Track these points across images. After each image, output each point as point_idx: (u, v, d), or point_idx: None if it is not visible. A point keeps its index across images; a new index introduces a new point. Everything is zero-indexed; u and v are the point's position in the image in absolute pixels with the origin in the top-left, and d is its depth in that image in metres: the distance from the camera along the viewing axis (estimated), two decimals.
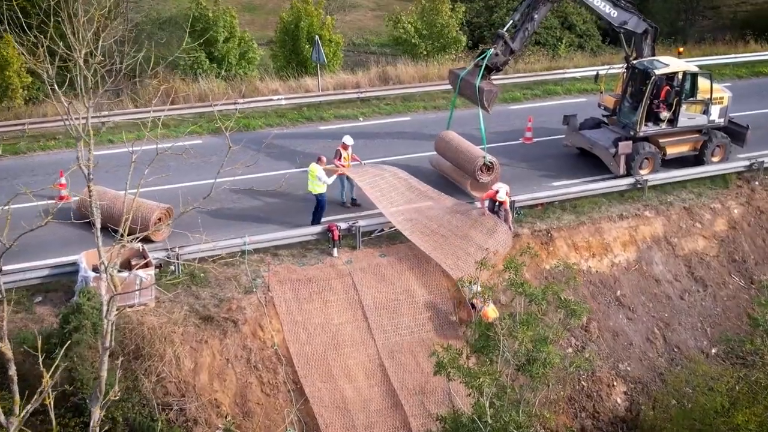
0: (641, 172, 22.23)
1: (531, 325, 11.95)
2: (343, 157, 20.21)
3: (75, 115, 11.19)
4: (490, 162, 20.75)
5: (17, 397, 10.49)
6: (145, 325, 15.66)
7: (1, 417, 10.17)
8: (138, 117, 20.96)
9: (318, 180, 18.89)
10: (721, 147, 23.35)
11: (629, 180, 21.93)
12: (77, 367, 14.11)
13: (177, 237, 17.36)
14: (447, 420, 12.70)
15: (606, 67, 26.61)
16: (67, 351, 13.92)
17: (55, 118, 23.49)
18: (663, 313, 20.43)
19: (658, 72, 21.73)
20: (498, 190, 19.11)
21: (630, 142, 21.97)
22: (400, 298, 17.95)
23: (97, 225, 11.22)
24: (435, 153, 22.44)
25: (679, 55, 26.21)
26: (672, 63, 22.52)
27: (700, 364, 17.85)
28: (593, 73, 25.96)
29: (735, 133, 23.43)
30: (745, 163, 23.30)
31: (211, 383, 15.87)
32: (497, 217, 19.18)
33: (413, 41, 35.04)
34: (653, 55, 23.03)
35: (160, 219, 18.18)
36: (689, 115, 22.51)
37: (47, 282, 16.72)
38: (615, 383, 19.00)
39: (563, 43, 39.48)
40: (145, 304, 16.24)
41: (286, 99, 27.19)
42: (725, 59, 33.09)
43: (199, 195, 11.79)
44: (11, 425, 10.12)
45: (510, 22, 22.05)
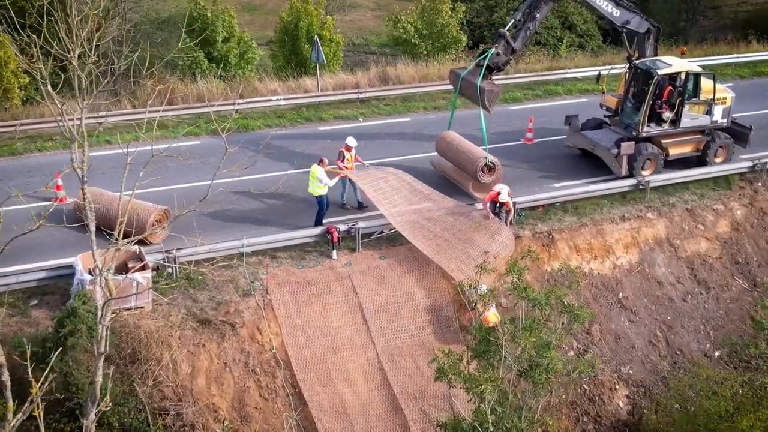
0: (643, 173, 22.05)
1: (534, 331, 11.74)
2: (346, 159, 19.99)
3: (69, 116, 11.01)
4: (491, 162, 20.56)
5: (10, 403, 10.29)
6: (142, 329, 15.45)
7: None
8: (135, 118, 20.75)
9: (319, 182, 18.69)
10: (724, 148, 23.17)
11: (631, 181, 21.75)
12: (72, 372, 13.91)
13: (175, 239, 17.21)
14: (447, 426, 12.52)
15: (608, 67, 26.43)
16: (62, 355, 13.81)
17: (48, 119, 23.30)
18: (665, 316, 20.25)
19: (660, 72, 21.54)
20: (500, 191, 18.93)
21: (632, 143, 21.79)
22: (399, 300, 17.76)
23: (92, 228, 11.05)
24: (436, 154, 22.26)
25: (683, 54, 26.04)
26: (675, 63, 22.34)
27: (704, 368, 17.67)
28: (594, 73, 25.80)
29: (738, 133, 23.26)
30: (748, 164, 23.12)
31: (209, 387, 15.68)
32: (499, 218, 18.99)
33: (413, 41, 34.87)
34: (656, 54, 22.85)
35: (157, 221, 17.99)
36: (692, 116, 22.33)
37: (43, 285, 16.52)
38: (617, 387, 18.82)
39: (564, 43, 39.32)
40: (142, 307, 16.04)
41: (285, 99, 27.02)
42: (727, 59, 32.93)
43: (198, 196, 11.62)
44: None
45: (511, 21, 21.87)
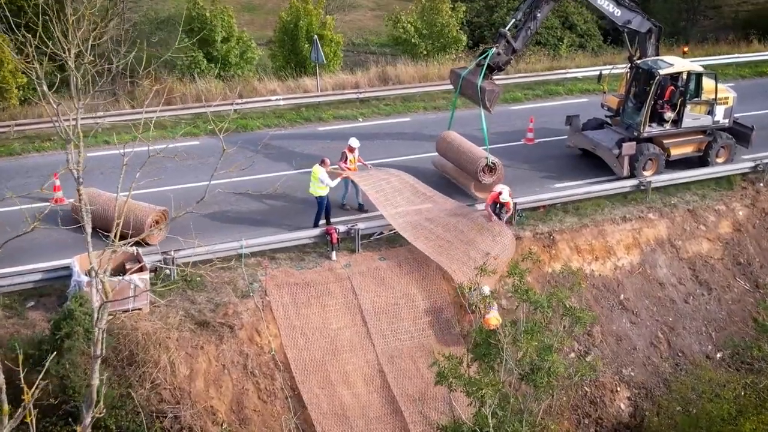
0: (645, 173, 21.92)
1: (535, 334, 11.60)
2: (348, 160, 19.82)
3: (65, 117, 10.88)
4: (492, 163, 20.43)
5: (6, 406, 10.16)
6: (140, 331, 15.34)
7: None
8: (133, 118, 20.65)
9: (320, 182, 18.53)
10: (726, 148, 23.05)
11: (633, 181, 21.62)
12: (69, 375, 13.78)
13: (174, 240, 17.07)
14: (448, 430, 12.38)
15: (609, 66, 26.30)
16: (59, 358, 13.68)
17: (45, 119, 23.16)
18: (667, 317, 20.12)
19: (662, 72, 21.42)
20: (501, 192, 18.80)
21: (633, 143, 21.67)
22: (399, 302, 17.63)
23: (88, 230, 10.91)
24: (437, 154, 22.13)
25: (684, 54, 25.91)
26: (676, 63, 22.21)
27: (707, 371, 17.53)
28: (595, 73, 25.68)
29: (740, 133, 23.15)
30: (750, 164, 22.99)
31: (207, 390, 15.55)
32: (499, 218, 18.86)
33: (413, 41, 34.76)
34: (657, 54, 22.72)
35: (156, 222, 17.86)
36: (694, 116, 22.21)
37: (40, 286, 16.39)
38: (618, 389, 18.69)
39: (564, 43, 39.20)
40: (140, 309, 15.92)
41: (284, 99, 26.91)
42: (728, 59, 32.84)
43: (197, 197, 11.51)
44: None
45: (512, 21, 21.74)
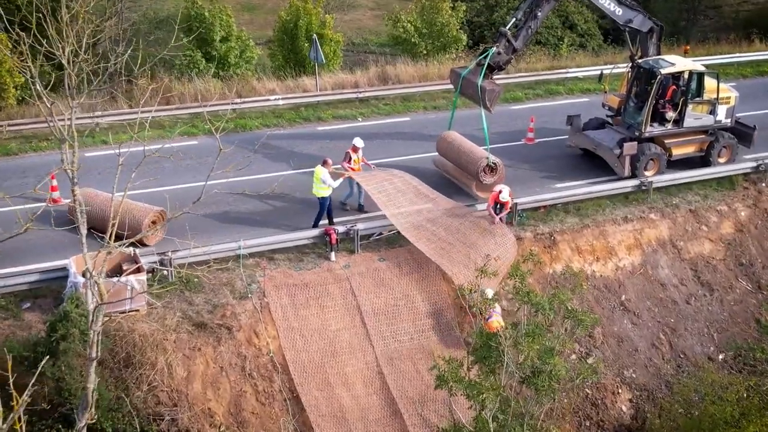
0: (646, 173, 21.78)
1: (537, 337, 11.45)
2: (352, 160, 19.66)
3: (59, 117, 10.75)
4: (493, 163, 20.30)
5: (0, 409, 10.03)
6: (137, 332, 15.20)
7: None
8: (130, 118, 20.48)
9: (323, 183, 18.38)
10: (728, 148, 22.91)
11: (634, 182, 21.49)
12: (65, 377, 13.61)
13: (172, 241, 16.90)
14: None
15: (610, 66, 26.16)
16: (55, 360, 13.55)
17: (40, 119, 22.94)
18: (669, 318, 19.98)
19: (663, 71, 21.29)
20: (501, 191, 18.67)
21: (635, 143, 21.52)
22: (399, 303, 17.49)
23: (83, 231, 10.80)
24: (437, 154, 21.98)
25: (686, 53, 25.78)
26: (678, 62, 22.09)
27: (709, 373, 17.39)
28: (596, 72, 25.55)
29: (742, 133, 23.00)
30: (752, 164, 22.86)
31: (205, 392, 15.41)
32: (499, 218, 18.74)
33: (413, 40, 34.61)
34: (659, 54, 22.59)
35: (153, 222, 17.72)
36: (695, 116, 22.08)
37: (36, 287, 16.23)
38: (620, 390, 18.55)
39: (565, 42, 39.07)
40: (137, 310, 15.77)
41: (283, 99, 26.76)
42: (729, 58, 32.65)
43: (194, 197, 11.40)
44: None
45: (512, 20, 21.59)
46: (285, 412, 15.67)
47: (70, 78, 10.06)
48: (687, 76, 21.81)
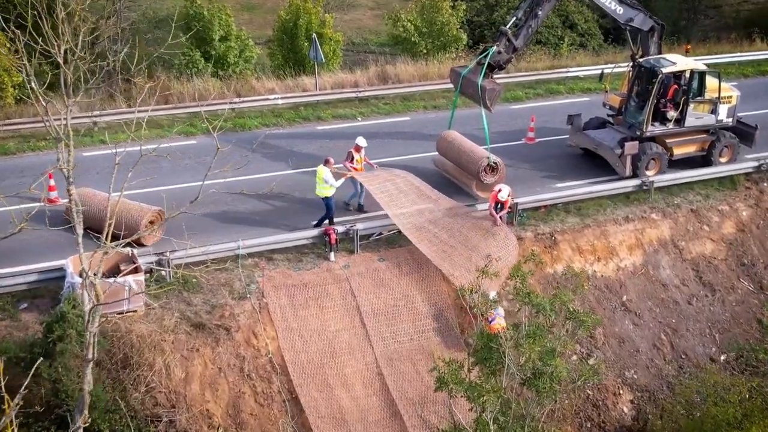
0: (647, 173, 21.65)
1: (538, 338, 11.33)
2: (355, 160, 19.50)
3: (56, 116, 10.64)
4: (494, 162, 20.18)
5: None
6: (134, 333, 15.09)
7: None
8: (128, 117, 20.36)
9: (325, 182, 18.26)
10: (729, 147, 22.78)
11: (635, 181, 21.36)
12: (62, 379, 13.50)
13: (170, 241, 16.78)
14: None
15: (611, 65, 26.04)
16: (51, 362, 13.44)
17: (36, 118, 22.83)
18: (670, 319, 19.86)
19: (665, 70, 21.16)
20: (500, 189, 18.56)
21: (636, 143, 21.40)
22: (399, 303, 17.37)
23: (79, 231, 10.68)
24: (437, 153, 21.87)
25: (687, 52, 25.67)
26: (679, 61, 21.95)
27: (711, 374, 17.27)
28: (597, 72, 25.44)
29: (743, 133, 22.86)
30: (754, 163, 22.72)
31: (203, 393, 15.29)
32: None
33: (413, 39, 34.50)
34: (660, 53, 22.47)
35: (151, 222, 17.59)
36: (697, 115, 21.95)
37: (33, 288, 16.10)
38: (621, 392, 18.43)
39: (565, 42, 38.97)
40: (135, 311, 15.65)
41: (282, 98, 26.65)
42: (730, 58, 32.54)
43: (193, 197, 11.29)
44: None
45: (513, 19, 21.47)
46: (284, 414, 15.56)
47: (66, 76, 9.94)
48: (688, 75, 21.68)
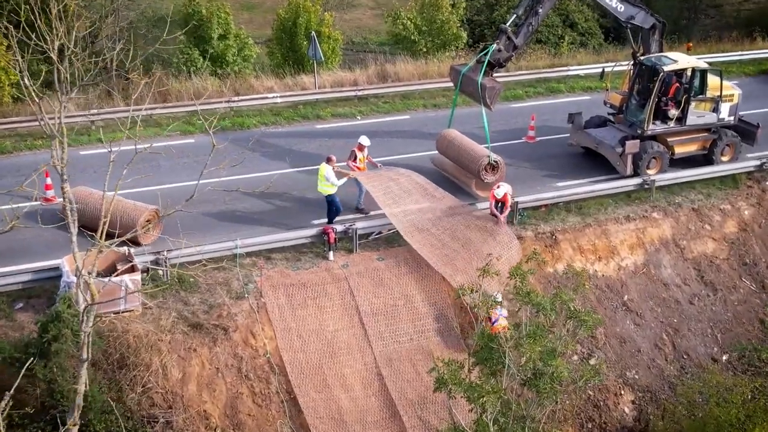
0: (649, 172, 21.52)
1: (538, 338, 11.18)
2: (358, 159, 19.31)
3: (51, 113, 10.52)
4: (494, 161, 20.03)
5: None
6: (131, 333, 14.95)
7: None
8: (126, 115, 20.23)
9: (326, 180, 18.10)
10: (731, 146, 22.64)
11: (636, 180, 21.21)
12: (57, 379, 13.34)
13: (168, 240, 16.65)
14: None
15: (612, 63, 25.91)
16: (46, 362, 13.30)
17: (32, 117, 22.65)
18: (672, 319, 19.72)
19: (666, 68, 21.03)
20: (498, 186, 18.43)
21: (637, 141, 21.27)
22: (398, 303, 17.22)
23: (73, 230, 10.55)
24: (436, 152, 21.73)
25: (688, 51, 25.54)
26: (681, 59, 21.81)
27: (713, 374, 17.11)
28: (597, 70, 25.33)
29: (745, 131, 22.74)
30: (756, 162, 22.58)
31: (200, 394, 15.16)
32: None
33: (412, 38, 34.39)
34: (661, 51, 22.34)
35: (148, 221, 17.45)
36: (698, 113, 21.83)
37: (29, 287, 15.95)
38: (622, 392, 18.29)
39: (565, 41, 38.85)
40: (131, 311, 15.51)
41: (281, 97, 26.52)
42: (731, 56, 32.45)
43: (190, 196, 11.16)
44: None
45: (513, 17, 21.33)
46: (282, 414, 15.42)
47: (59, 73, 9.80)
48: (690, 73, 21.55)
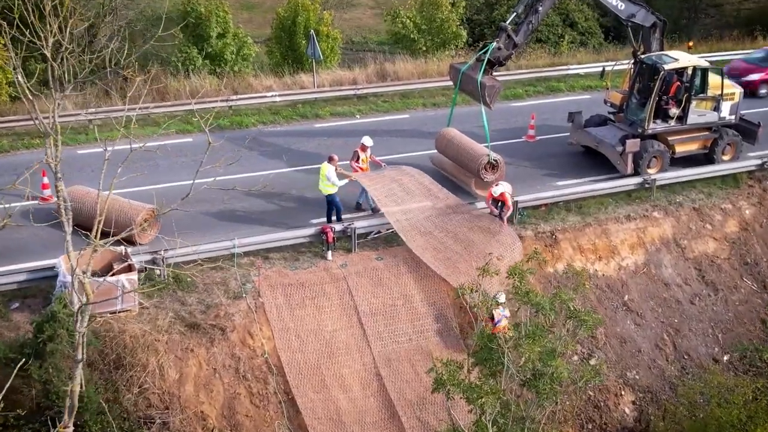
0: (649, 171, 21.40)
1: (538, 339, 11.06)
2: (360, 159, 19.17)
3: (44, 114, 10.43)
4: (494, 160, 19.92)
5: None
6: (127, 333, 14.85)
7: None
8: (121, 114, 20.09)
9: (327, 179, 17.98)
10: (732, 145, 22.52)
11: (637, 179, 21.09)
12: (52, 380, 13.25)
13: (165, 240, 16.53)
14: None
15: (612, 62, 25.80)
16: (42, 362, 13.20)
17: (28, 116, 22.50)
18: (672, 319, 19.61)
19: (667, 67, 20.91)
20: (497, 185, 18.32)
21: (638, 140, 21.16)
22: (397, 303, 17.11)
23: (68, 229, 10.45)
24: (435, 151, 21.61)
25: (689, 49, 25.43)
26: (681, 58, 21.69)
27: (715, 374, 17.00)
28: (597, 69, 25.25)
29: (746, 130, 22.63)
30: (757, 161, 22.46)
31: (197, 394, 15.05)
32: (500, 218, 18.35)
33: (412, 36, 34.29)
34: (662, 49, 22.22)
35: (145, 220, 17.33)
36: (699, 112, 21.70)
37: (25, 287, 15.83)
38: (623, 393, 18.18)
39: (565, 40, 38.75)
40: (128, 311, 15.40)
41: (280, 96, 26.43)
42: (733, 55, 32.30)
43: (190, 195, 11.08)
44: None
45: (513, 15, 21.22)
46: (280, 415, 15.32)
47: (53, 70, 9.69)
48: (691, 72, 21.44)
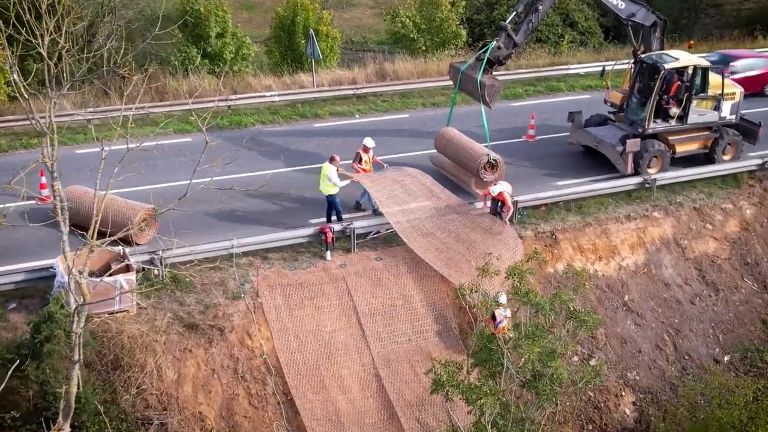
0: (649, 171, 21.32)
1: (537, 339, 10.98)
2: (363, 161, 19.07)
3: (41, 114, 10.36)
4: (494, 160, 19.85)
5: None
6: (125, 334, 14.77)
7: None
8: (118, 114, 20.03)
9: (328, 180, 17.89)
10: (733, 145, 22.45)
11: (637, 179, 21.01)
12: (49, 381, 13.17)
13: (164, 240, 16.44)
14: None
15: (612, 62, 25.73)
16: (39, 363, 13.12)
17: (26, 116, 22.49)
18: (673, 319, 19.53)
19: (667, 66, 20.83)
20: (495, 184, 18.25)
21: (638, 140, 21.09)
22: (396, 303, 17.04)
23: (64, 229, 10.37)
24: (435, 151, 21.54)
25: (690, 48, 25.36)
26: (682, 57, 21.60)
27: (715, 375, 16.93)
28: (597, 69, 25.18)
29: (747, 130, 22.55)
30: (758, 161, 22.37)
31: (196, 395, 14.98)
32: (501, 218, 18.29)
33: (411, 36, 34.22)
34: (662, 48, 22.15)
35: (143, 220, 17.25)
36: (700, 112, 21.62)
37: (22, 287, 15.76)
38: (623, 393, 18.11)
39: (565, 39, 38.69)
40: (126, 311, 15.33)
41: (279, 95, 26.36)
42: None
43: (189, 195, 10.99)
44: None
45: (513, 14, 21.15)
46: (278, 416, 15.25)
47: (49, 69, 9.62)
48: (691, 71, 21.36)
